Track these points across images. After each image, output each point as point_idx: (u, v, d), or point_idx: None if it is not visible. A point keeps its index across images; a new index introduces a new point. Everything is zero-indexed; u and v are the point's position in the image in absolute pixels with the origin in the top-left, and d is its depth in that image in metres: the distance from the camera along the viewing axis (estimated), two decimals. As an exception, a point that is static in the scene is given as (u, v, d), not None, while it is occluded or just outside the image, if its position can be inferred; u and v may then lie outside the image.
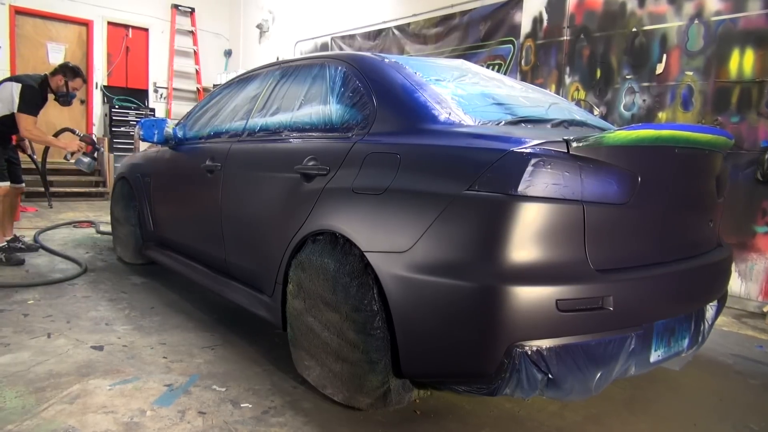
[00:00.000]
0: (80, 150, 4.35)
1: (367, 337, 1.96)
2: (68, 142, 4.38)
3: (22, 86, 4.01)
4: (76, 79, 4.31)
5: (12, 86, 4.02)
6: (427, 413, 2.15)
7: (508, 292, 1.65)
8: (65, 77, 4.25)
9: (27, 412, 2.03)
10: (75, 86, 4.33)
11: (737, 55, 4.01)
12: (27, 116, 4.04)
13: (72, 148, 4.33)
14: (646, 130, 1.80)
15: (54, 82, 4.24)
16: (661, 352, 1.97)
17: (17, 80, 4.09)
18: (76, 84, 4.34)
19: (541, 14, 5.30)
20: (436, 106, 2.06)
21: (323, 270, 2.13)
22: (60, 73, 4.26)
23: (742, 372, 2.77)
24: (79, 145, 4.36)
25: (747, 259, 4.00)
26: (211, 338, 2.86)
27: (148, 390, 2.25)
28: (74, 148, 4.34)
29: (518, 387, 1.68)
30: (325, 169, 2.20)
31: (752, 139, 3.95)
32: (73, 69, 4.32)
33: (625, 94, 4.67)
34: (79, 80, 4.34)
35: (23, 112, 4.01)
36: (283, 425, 2.02)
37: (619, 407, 2.28)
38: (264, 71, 3.11)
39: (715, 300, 2.27)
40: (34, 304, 3.26)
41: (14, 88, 4.00)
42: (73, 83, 4.29)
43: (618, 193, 1.80)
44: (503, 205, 1.66)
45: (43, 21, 8.52)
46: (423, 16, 6.45)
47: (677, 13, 4.33)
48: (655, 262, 1.97)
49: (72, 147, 4.33)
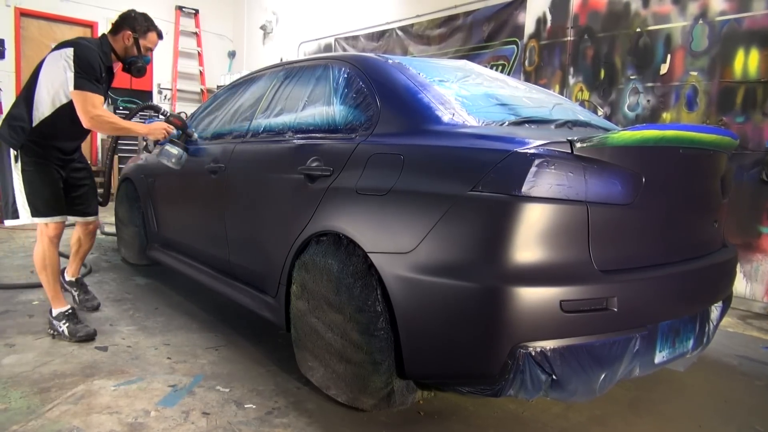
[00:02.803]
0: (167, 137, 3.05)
1: (370, 338, 1.96)
2: (151, 127, 2.96)
3: (75, 50, 2.61)
4: (149, 33, 2.90)
5: (62, 57, 2.61)
6: (431, 414, 2.14)
7: (512, 293, 1.64)
8: (134, 33, 2.84)
9: (32, 412, 2.03)
10: (148, 44, 2.91)
11: (742, 55, 3.99)
12: (87, 94, 2.60)
13: (157, 135, 2.97)
14: (651, 131, 1.80)
15: (118, 43, 2.84)
16: (666, 353, 1.96)
17: (66, 45, 2.66)
18: (150, 41, 2.92)
19: (545, 15, 5.29)
20: (439, 106, 2.06)
21: (327, 271, 2.13)
22: (125, 28, 2.84)
23: (747, 373, 2.76)
24: (166, 129, 2.99)
25: (752, 260, 3.98)
26: (215, 339, 2.87)
27: (152, 390, 2.25)
28: (160, 135, 2.98)
29: (522, 388, 1.68)
30: (328, 170, 2.20)
31: (757, 139, 3.93)
32: (142, 18, 2.90)
33: (629, 94, 4.66)
34: (153, 34, 2.93)
35: (81, 89, 2.59)
36: (287, 426, 2.02)
37: (623, 408, 2.28)
38: (267, 72, 3.12)
39: (720, 301, 2.26)
40: (39, 304, 3.27)
41: (65, 59, 2.60)
42: (145, 40, 2.89)
43: (622, 193, 1.79)
44: (507, 206, 1.66)
45: (48, 23, 8.55)
46: (426, 16, 6.45)
47: (681, 13, 4.32)
48: (660, 262, 1.96)
49: (157, 133, 2.97)
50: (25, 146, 2.65)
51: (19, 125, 2.66)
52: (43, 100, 2.66)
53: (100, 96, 2.69)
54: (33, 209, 2.68)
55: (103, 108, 2.72)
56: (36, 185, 2.68)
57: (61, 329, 2.75)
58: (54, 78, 2.65)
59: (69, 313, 2.80)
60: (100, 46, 2.78)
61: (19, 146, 2.64)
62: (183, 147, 3.07)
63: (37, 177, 2.69)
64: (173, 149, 3.04)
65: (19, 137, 2.65)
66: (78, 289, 3.27)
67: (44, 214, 2.71)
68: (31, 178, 2.67)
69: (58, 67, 2.63)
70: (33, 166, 2.68)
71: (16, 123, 2.67)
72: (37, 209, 2.69)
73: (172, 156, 3.05)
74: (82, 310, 3.10)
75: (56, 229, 2.77)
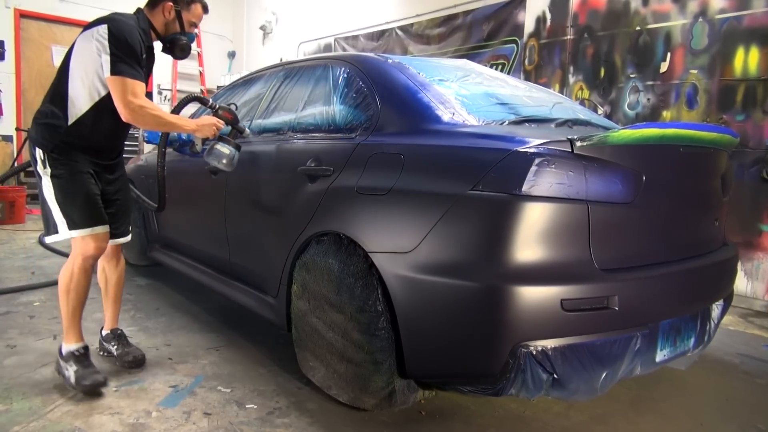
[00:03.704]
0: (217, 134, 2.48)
1: (371, 338, 1.96)
2: (200, 123, 2.41)
3: (110, 27, 2.13)
4: (193, 5, 2.43)
5: (95, 37, 2.14)
6: (432, 413, 2.14)
7: (513, 292, 1.64)
8: (176, 4, 2.37)
9: (33, 413, 2.04)
10: (193, 18, 2.44)
11: (742, 53, 3.99)
12: (126, 80, 2.12)
13: (207, 131, 2.42)
14: (651, 129, 1.80)
15: (158, 18, 2.37)
16: (667, 351, 1.96)
17: (99, 22, 2.17)
18: (194, 14, 2.45)
19: (545, 13, 5.29)
20: (439, 106, 2.06)
21: (327, 271, 2.13)
22: None
23: (748, 371, 2.76)
24: (216, 125, 2.45)
25: (753, 258, 3.98)
26: (216, 339, 2.87)
27: (153, 391, 2.25)
28: (210, 132, 2.43)
29: (523, 387, 1.68)
30: (329, 169, 2.20)
31: (757, 137, 3.93)
32: None
33: (630, 92, 4.65)
34: (198, 6, 2.45)
35: (120, 74, 2.12)
36: (289, 426, 2.02)
37: (624, 407, 2.28)
38: (267, 73, 3.12)
39: (721, 299, 2.26)
40: (40, 305, 3.28)
41: (98, 39, 2.13)
42: (188, 14, 2.42)
43: (622, 192, 1.79)
44: (507, 205, 1.66)
45: (47, 24, 8.55)
46: (426, 16, 6.45)
47: (681, 12, 4.32)
48: (661, 261, 1.96)
49: (206, 130, 2.41)
50: (58, 148, 2.21)
51: (51, 123, 2.22)
52: (78, 94, 2.20)
53: (142, 83, 2.19)
54: (69, 221, 2.23)
55: (145, 98, 2.21)
56: (69, 191, 2.23)
57: (67, 373, 2.24)
58: (87, 64, 2.17)
59: (80, 354, 2.29)
60: (138, 21, 2.28)
61: (50, 148, 2.20)
62: (235, 145, 2.54)
63: (70, 182, 2.23)
64: (224, 148, 2.51)
65: (52, 138, 2.21)
66: (117, 341, 2.57)
67: (80, 225, 2.23)
68: (62, 183, 2.23)
69: (90, 50, 2.14)
70: (64, 169, 2.22)
71: (48, 121, 2.22)
72: (73, 220, 2.23)
73: (223, 156, 2.52)
74: (123, 366, 2.48)
75: (96, 245, 2.25)
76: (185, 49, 2.45)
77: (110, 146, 2.38)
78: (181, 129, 2.42)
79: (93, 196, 2.28)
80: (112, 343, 2.57)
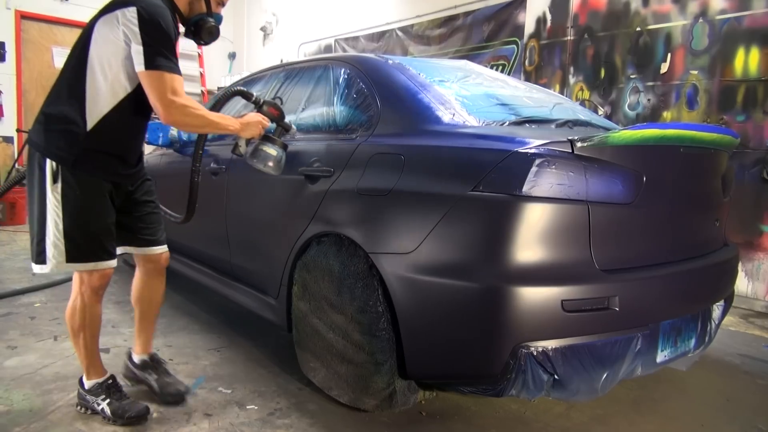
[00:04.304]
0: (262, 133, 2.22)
1: (372, 339, 1.96)
2: (246, 122, 2.14)
3: (140, 9, 1.78)
4: None
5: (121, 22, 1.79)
6: (433, 414, 2.14)
7: (514, 293, 1.64)
8: None
9: (34, 414, 2.04)
10: None
11: (742, 54, 3.99)
12: (164, 74, 1.81)
13: (253, 131, 2.17)
14: (651, 130, 1.80)
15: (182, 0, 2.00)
16: (668, 352, 1.96)
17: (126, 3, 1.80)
18: None
19: (545, 14, 5.29)
20: (439, 106, 2.06)
21: (328, 271, 2.13)
22: None
23: (749, 372, 2.76)
24: (262, 123, 2.19)
25: (754, 259, 3.98)
26: (217, 340, 2.87)
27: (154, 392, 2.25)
28: (255, 132, 2.18)
29: (524, 388, 1.68)
30: (329, 170, 2.21)
31: (758, 138, 3.93)
32: None
33: (630, 93, 4.65)
34: None
35: (157, 67, 1.80)
36: (289, 427, 2.02)
37: (625, 408, 2.28)
38: (268, 74, 3.12)
39: (722, 300, 2.26)
40: (41, 306, 3.28)
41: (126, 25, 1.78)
42: None
43: (623, 192, 1.79)
44: (508, 206, 1.66)
45: (48, 25, 8.55)
46: (426, 17, 6.45)
47: (681, 12, 4.32)
48: (661, 261, 1.96)
49: (253, 129, 2.16)
50: (79, 160, 1.86)
51: (67, 129, 1.85)
52: (100, 91, 1.85)
53: (181, 77, 1.87)
54: (72, 250, 1.88)
55: (183, 92, 1.86)
56: (81, 215, 1.87)
57: (100, 407, 2.00)
58: (111, 55, 1.82)
59: (109, 384, 2.05)
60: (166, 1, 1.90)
61: (71, 161, 1.84)
62: (282, 145, 2.25)
63: (84, 202, 1.88)
64: (271, 149, 2.22)
65: (70, 148, 1.85)
66: (155, 371, 2.22)
67: (87, 257, 1.90)
68: (75, 204, 1.86)
69: (115, 37, 1.80)
70: (80, 187, 1.86)
71: (62, 126, 1.85)
72: (78, 250, 1.88)
73: (270, 158, 2.22)
74: (165, 400, 2.14)
75: (103, 277, 1.98)
76: (213, 32, 2.08)
77: (134, 151, 2.03)
78: (225, 129, 2.09)
79: (109, 224, 1.95)
80: (149, 372, 2.20)
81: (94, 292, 1.99)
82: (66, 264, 1.89)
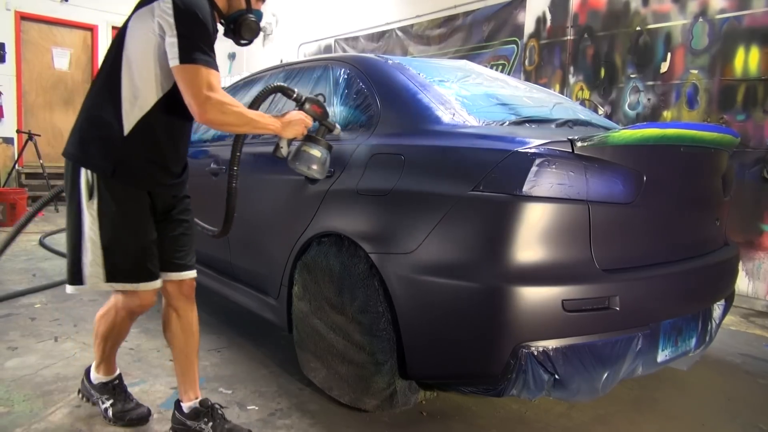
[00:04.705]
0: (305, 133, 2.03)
1: (372, 339, 1.96)
2: (288, 121, 1.94)
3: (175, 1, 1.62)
4: None
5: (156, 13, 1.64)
6: (434, 414, 2.14)
7: (514, 293, 1.64)
8: None
9: (35, 415, 2.04)
10: None
11: (742, 53, 3.99)
12: (200, 68, 1.64)
13: (296, 130, 1.97)
14: (651, 129, 1.80)
15: None
16: (669, 351, 1.96)
17: None
18: None
19: (545, 14, 5.29)
20: (439, 106, 2.06)
21: (328, 272, 2.13)
22: None
23: (750, 371, 2.76)
24: (305, 122, 2.00)
25: (754, 258, 3.98)
26: (218, 341, 2.87)
27: (154, 393, 2.25)
28: (298, 132, 1.98)
29: (525, 388, 1.68)
30: (329, 170, 2.20)
31: (758, 137, 3.93)
32: None
33: (630, 93, 4.65)
34: None
35: (193, 60, 1.62)
36: (290, 427, 2.02)
37: (626, 407, 2.27)
38: (268, 74, 3.12)
39: (723, 299, 2.26)
40: (41, 307, 3.28)
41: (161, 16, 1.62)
42: None
43: (623, 192, 1.79)
44: (508, 206, 1.66)
45: (48, 26, 8.56)
46: (426, 17, 6.45)
47: (681, 12, 4.32)
48: (662, 261, 1.96)
49: (296, 128, 1.97)
50: (119, 170, 1.70)
51: (102, 135, 1.71)
52: (136, 91, 1.69)
53: (218, 72, 1.70)
54: (111, 268, 1.74)
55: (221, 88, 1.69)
56: (121, 232, 1.73)
57: (102, 406, 2.00)
58: (145, 51, 1.68)
59: (115, 385, 2.04)
60: None
61: (110, 170, 1.69)
62: (326, 145, 2.07)
63: (125, 219, 1.74)
64: (314, 150, 2.05)
65: (107, 156, 1.70)
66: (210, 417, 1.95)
67: (127, 276, 1.76)
68: (114, 221, 1.72)
69: (150, 30, 1.65)
70: (119, 203, 1.72)
71: (98, 132, 1.71)
72: (117, 269, 1.75)
73: (314, 160, 2.05)
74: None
75: (143, 302, 1.83)
76: (254, 29, 1.89)
77: (176, 158, 1.84)
78: (265, 129, 1.89)
79: (151, 242, 1.79)
80: (205, 420, 1.91)
81: (131, 314, 1.89)
82: (105, 283, 1.75)
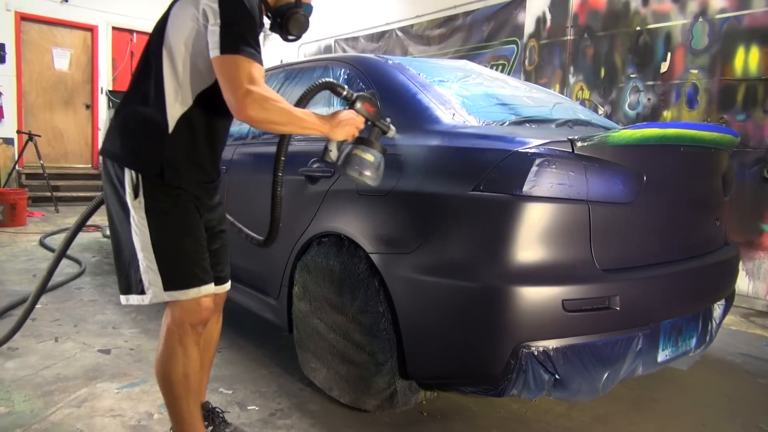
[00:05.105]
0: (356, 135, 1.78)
1: (373, 339, 1.96)
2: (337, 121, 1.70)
3: None
4: None
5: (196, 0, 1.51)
6: (434, 414, 2.14)
7: (514, 293, 1.64)
8: None
9: (35, 415, 2.04)
10: None
11: (742, 53, 3.99)
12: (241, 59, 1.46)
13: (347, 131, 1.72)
14: (651, 129, 1.80)
15: None
16: (669, 351, 1.96)
17: None
18: None
19: (545, 14, 5.29)
20: (439, 107, 2.06)
21: (329, 272, 2.13)
22: None
23: (750, 371, 2.76)
24: (356, 123, 1.75)
25: (754, 258, 3.98)
26: (218, 341, 2.86)
27: (155, 393, 2.25)
28: (348, 134, 1.74)
29: (525, 388, 1.68)
30: (329, 171, 2.21)
31: (758, 137, 3.93)
32: None
33: (630, 93, 4.65)
34: None
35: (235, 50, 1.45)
36: (290, 427, 2.02)
37: (626, 407, 2.27)
38: (268, 74, 3.12)
39: (723, 299, 2.26)
40: (42, 308, 3.28)
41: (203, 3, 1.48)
42: None
43: (623, 192, 1.79)
44: (508, 206, 1.66)
45: (48, 27, 8.57)
46: (426, 17, 6.45)
47: (681, 11, 4.32)
48: (662, 261, 1.96)
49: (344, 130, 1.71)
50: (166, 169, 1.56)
51: (147, 131, 1.58)
52: (180, 83, 1.56)
53: (262, 66, 1.53)
54: (169, 275, 1.57)
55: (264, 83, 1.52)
56: (172, 234, 1.58)
57: None
58: (189, 38, 1.53)
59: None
60: None
61: (157, 170, 1.55)
62: (381, 149, 1.80)
63: (175, 219, 1.59)
64: (367, 154, 1.77)
65: (153, 153, 1.56)
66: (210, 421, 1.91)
67: (184, 283, 1.58)
68: (164, 222, 1.57)
69: (192, 18, 1.52)
70: (168, 200, 1.58)
71: (142, 129, 1.59)
72: (176, 274, 1.58)
73: (367, 165, 1.76)
74: None
75: (204, 309, 1.62)
76: (302, 24, 1.79)
77: (213, 159, 1.71)
78: (312, 129, 1.65)
79: (202, 241, 1.64)
80: (205, 423, 1.85)
81: (194, 330, 1.62)
82: (164, 293, 1.57)
